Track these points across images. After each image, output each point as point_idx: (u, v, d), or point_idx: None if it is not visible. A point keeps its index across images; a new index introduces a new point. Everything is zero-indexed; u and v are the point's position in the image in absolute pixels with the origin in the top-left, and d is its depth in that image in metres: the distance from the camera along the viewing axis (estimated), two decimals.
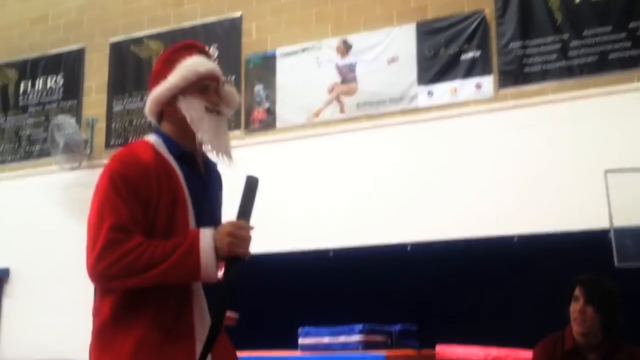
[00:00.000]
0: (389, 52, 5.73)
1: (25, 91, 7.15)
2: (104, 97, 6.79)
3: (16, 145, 7.03)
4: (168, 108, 2.06)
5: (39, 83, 7.11)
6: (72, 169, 6.58)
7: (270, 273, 5.57)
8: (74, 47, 7.01)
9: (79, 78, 6.93)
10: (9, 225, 6.73)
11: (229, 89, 2.17)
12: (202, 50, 2.17)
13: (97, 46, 6.91)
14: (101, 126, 6.70)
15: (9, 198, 6.85)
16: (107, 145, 6.64)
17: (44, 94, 7.06)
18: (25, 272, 6.60)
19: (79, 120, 6.73)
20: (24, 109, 7.10)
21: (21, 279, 6.61)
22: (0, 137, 7.10)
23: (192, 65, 2.04)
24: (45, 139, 6.77)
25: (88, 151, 6.62)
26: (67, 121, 6.58)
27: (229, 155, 2.09)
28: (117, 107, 6.70)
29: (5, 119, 7.15)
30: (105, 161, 6.45)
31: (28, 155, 6.95)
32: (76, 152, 6.54)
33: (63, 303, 6.32)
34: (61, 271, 6.42)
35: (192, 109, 2.01)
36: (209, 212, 2.05)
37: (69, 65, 6.99)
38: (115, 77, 6.80)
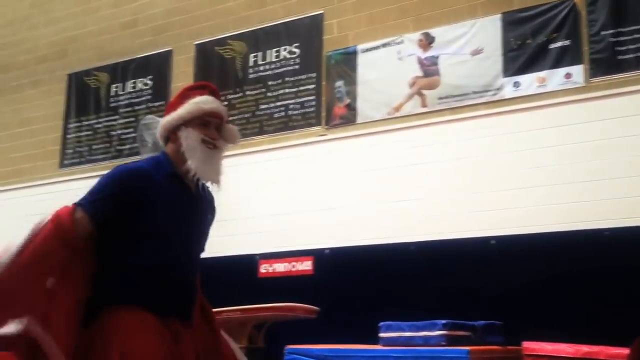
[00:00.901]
0: (472, 43, 5.61)
1: (116, 93, 7.45)
2: None
3: (108, 145, 7.33)
4: (172, 135, 2.36)
5: (129, 85, 7.39)
6: None
7: (351, 266, 5.57)
8: (161, 50, 7.25)
9: (167, 79, 7.16)
10: None
11: (231, 127, 2.45)
12: (213, 91, 2.45)
13: (184, 48, 7.12)
14: None
15: None
16: None
17: (134, 95, 7.33)
18: None
19: None
20: (115, 110, 7.40)
21: None
22: (93, 137, 7.42)
23: (198, 102, 2.34)
24: (135, 139, 7.01)
25: None
26: (155, 121, 6.79)
27: (215, 182, 2.36)
28: None
29: (98, 120, 7.46)
30: None
31: (119, 154, 7.23)
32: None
33: None
34: None
35: (189, 139, 2.30)
36: (190, 223, 2.35)
37: (157, 68, 7.24)
38: (200, 78, 6.97)
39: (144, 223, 2.22)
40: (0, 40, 8.34)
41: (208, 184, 2.39)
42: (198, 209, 2.38)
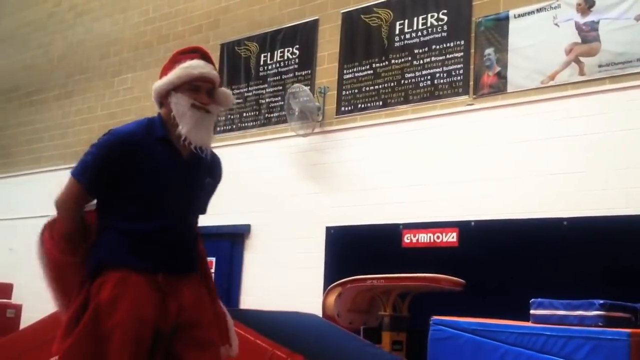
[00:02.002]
0: (637, 7, 5.21)
1: (265, 62, 7.67)
2: (335, 66, 7.06)
3: (257, 113, 7.60)
4: (164, 100, 2.42)
5: (277, 55, 7.58)
6: (306, 134, 6.94)
7: (497, 240, 5.45)
8: (308, 19, 7.36)
9: (313, 49, 7.27)
10: (250, 186, 7.32)
11: (224, 91, 2.49)
12: (204, 55, 2.48)
13: (330, 17, 7.18)
14: (332, 94, 6.98)
15: (251, 161, 7.43)
16: (338, 112, 6.91)
17: (281, 64, 7.52)
18: (263, 229, 7.15)
19: (312, 89, 7.06)
20: (264, 79, 7.63)
21: (259, 235, 7.17)
22: (243, 105, 7.72)
23: (188, 67, 2.38)
24: (282, 107, 7.21)
25: (320, 118, 6.94)
26: (302, 90, 6.95)
27: (205, 147, 2.37)
28: (348, 75, 6.92)
29: (248, 89, 7.74)
30: (336, 127, 6.76)
31: (267, 122, 7.48)
32: (309, 118, 6.89)
33: (295, 259, 6.75)
34: (294, 229, 6.87)
35: (179, 104, 2.35)
36: (179, 186, 2.39)
37: (304, 37, 7.37)
38: (346, 47, 7.03)
39: (131, 187, 2.32)
40: (159, 11, 8.82)
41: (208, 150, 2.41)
42: (189, 173, 2.42)
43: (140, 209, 2.34)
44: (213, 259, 7.38)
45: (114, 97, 9.00)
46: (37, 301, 8.23)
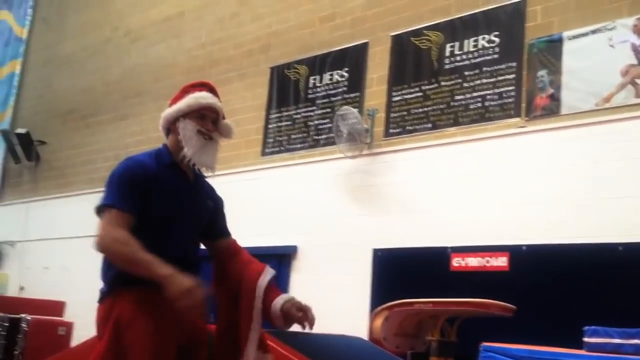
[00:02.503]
0: None
1: (314, 85, 7.73)
2: (384, 88, 7.05)
3: (305, 135, 7.63)
4: (173, 126, 2.65)
5: (326, 77, 7.63)
6: (354, 157, 6.93)
7: (550, 265, 5.32)
8: (358, 42, 7.39)
9: (362, 71, 7.29)
10: (298, 207, 7.34)
11: (226, 123, 2.73)
12: (211, 89, 2.74)
13: (380, 40, 7.19)
14: (381, 116, 6.97)
15: (299, 182, 7.46)
16: (386, 134, 6.89)
17: (330, 87, 7.56)
18: (310, 250, 7.13)
19: (361, 111, 7.07)
20: (313, 102, 7.68)
21: (306, 256, 7.16)
22: (292, 127, 7.77)
23: (196, 97, 2.64)
24: (331, 129, 7.23)
25: (368, 140, 6.93)
26: (350, 112, 6.96)
27: (209, 168, 2.64)
28: (397, 98, 6.91)
29: (297, 111, 7.79)
30: (384, 150, 6.73)
31: (315, 144, 7.50)
32: (358, 140, 6.88)
33: (341, 281, 6.71)
34: (340, 250, 6.83)
35: (186, 129, 2.58)
36: (187, 206, 2.58)
37: (353, 60, 7.39)
38: (395, 69, 7.02)
39: (146, 209, 2.46)
40: (211, 36, 9.00)
41: (208, 173, 2.66)
42: (195, 194, 2.62)
43: (155, 229, 2.47)
44: None
45: None
46: (89, 319, 8.38)
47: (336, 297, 6.66)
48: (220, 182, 8.42)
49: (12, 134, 11.32)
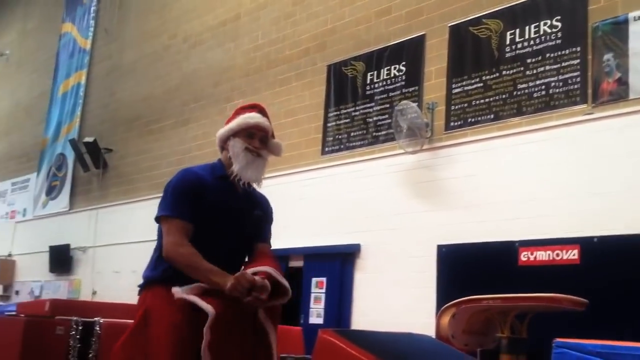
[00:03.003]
0: None
1: (371, 81, 7.66)
2: (443, 80, 6.93)
3: (364, 132, 7.58)
4: (225, 144, 2.88)
5: (384, 72, 7.55)
6: (415, 152, 6.84)
7: (623, 257, 5.12)
8: (415, 35, 7.28)
9: (420, 64, 7.18)
10: (359, 205, 7.29)
11: (276, 142, 2.92)
12: (261, 110, 2.94)
13: (437, 32, 7.07)
14: (441, 109, 6.85)
15: (359, 180, 7.41)
16: (447, 127, 6.76)
17: (388, 82, 7.47)
18: (373, 248, 7.08)
19: (420, 105, 6.96)
20: (371, 98, 7.61)
21: (370, 254, 7.10)
22: (351, 125, 7.73)
23: (246, 117, 2.85)
24: (390, 125, 7.15)
25: (429, 134, 6.81)
26: (409, 106, 6.86)
27: (254, 183, 2.84)
28: (456, 90, 6.77)
29: (355, 108, 7.74)
30: (445, 143, 6.59)
31: (375, 141, 7.44)
32: (418, 135, 6.78)
33: (406, 279, 6.63)
34: (404, 248, 6.75)
35: (235, 147, 2.81)
36: (235, 215, 2.79)
37: (411, 53, 7.29)
38: (454, 60, 6.88)
39: (196, 215, 2.67)
40: (267, 37, 9.05)
41: (256, 186, 2.87)
42: (244, 205, 2.82)
43: (203, 234, 2.68)
44: (324, 279, 7.39)
45: None
46: None
47: (401, 295, 6.59)
48: (281, 183, 8.52)
49: (80, 143, 11.70)
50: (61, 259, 11.61)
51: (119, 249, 10.37)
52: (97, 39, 12.70)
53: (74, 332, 5.06)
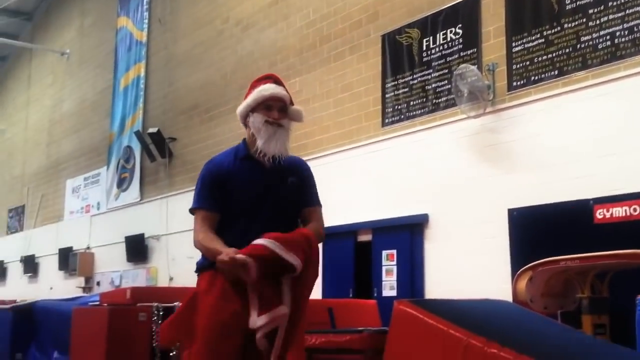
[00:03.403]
0: None
1: (427, 47, 7.52)
2: (502, 40, 6.74)
3: (424, 100, 7.46)
4: (246, 121, 2.86)
5: (439, 37, 7.40)
6: (477, 115, 6.70)
7: None
8: None
9: (477, 25, 7.00)
10: (424, 174, 7.22)
11: (296, 108, 2.89)
12: (276, 80, 2.91)
13: None
14: (502, 70, 6.67)
15: (422, 149, 7.32)
16: (509, 88, 6.59)
17: (445, 47, 7.32)
18: (441, 217, 7.00)
19: (480, 67, 6.80)
20: (428, 65, 7.48)
21: (438, 223, 7.03)
22: (409, 94, 7.62)
23: (260, 90, 2.82)
24: (450, 90, 7.02)
25: (491, 96, 6.66)
26: (469, 69, 6.71)
27: (280, 155, 2.78)
28: (517, 48, 6.58)
29: (412, 76, 7.63)
30: (509, 104, 6.42)
31: (435, 108, 7.32)
32: (480, 98, 6.64)
33: (478, 245, 6.54)
34: (473, 214, 6.65)
35: (255, 122, 2.80)
36: (263, 192, 2.80)
37: (466, 15, 7.11)
38: (512, 18, 6.68)
39: (225, 201, 2.76)
40: (318, 13, 8.99)
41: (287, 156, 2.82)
42: (272, 177, 2.81)
43: (236, 215, 2.76)
44: (394, 252, 7.37)
45: None
46: None
47: (474, 262, 6.51)
48: (344, 158, 8.53)
49: (145, 134, 11.97)
50: (137, 248, 11.98)
51: (190, 235, 10.56)
52: (152, 31, 12.90)
53: (155, 318, 5.23)
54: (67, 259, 14.16)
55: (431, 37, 7.47)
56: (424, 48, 7.54)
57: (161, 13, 12.58)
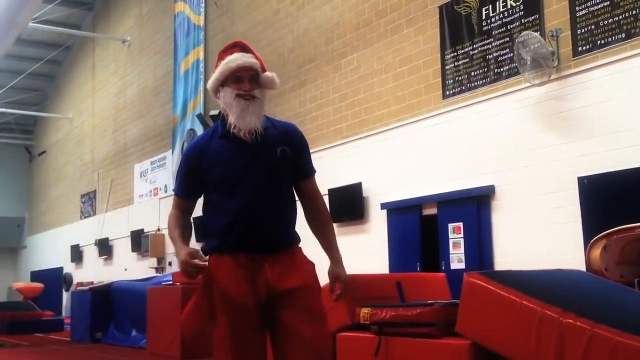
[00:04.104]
0: None
1: (487, 16, 7.38)
2: (565, 5, 6.55)
3: (485, 70, 7.34)
4: (218, 96, 2.66)
5: (499, 5, 7.24)
6: (542, 83, 6.55)
7: None
8: None
9: None
10: (488, 145, 7.13)
11: (267, 75, 2.63)
12: (243, 47, 2.67)
13: None
14: (566, 35, 6.50)
15: (485, 120, 7.23)
16: (575, 53, 6.41)
17: (505, 14, 7.17)
18: (508, 188, 6.92)
19: (542, 34, 6.64)
20: (489, 34, 7.34)
21: (505, 194, 6.95)
22: (470, 64, 7.51)
23: (227, 62, 2.60)
24: (512, 59, 6.88)
25: (555, 63, 6.50)
26: (531, 36, 6.56)
27: (255, 129, 2.56)
28: (581, 12, 6.39)
29: (472, 47, 7.51)
30: (575, 70, 6.26)
31: (497, 77, 7.19)
32: (544, 66, 6.49)
33: (547, 215, 6.44)
34: (541, 184, 6.55)
35: (225, 97, 2.60)
36: (249, 168, 2.58)
37: None
38: None
39: (210, 182, 2.60)
40: None
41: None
42: (257, 151, 2.59)
43: (224, 193, 2.60)
44: (460, 224, 7.34)
45: (343, 78, 9.32)
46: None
47: (544, 232, 6.43)
48: (405, 132, 8.51)
49: (207, 116, 12.18)
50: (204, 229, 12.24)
51: None
52: (209, 14, 13.05)
53: None
54: (139, 241, 14.65)
55: (490, 6, 7.33)
56: (484, 17, 7.40)
57: None
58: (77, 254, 18.50)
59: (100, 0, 18.58)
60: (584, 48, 6.34)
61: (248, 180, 2.58)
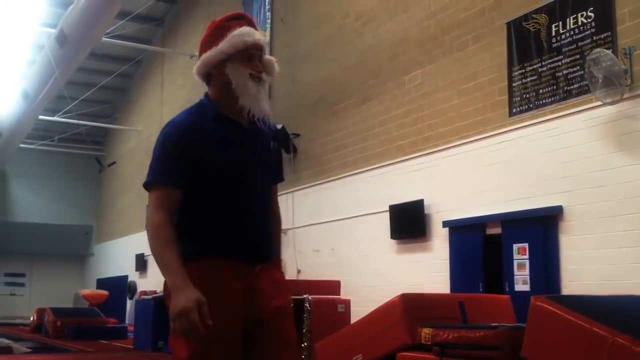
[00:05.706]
0: None
1: (557, 33, 7.22)
2: (639, 22, 6.35)
3: (554, 88, 7.17)
4: (216, 72, 2.28)
5: (570, 22, 7.08)
6: (614, 102, 6.36)
7: None
8: None
9: (611, 7, 6.63)
10: (556, 165, 6.96)
11: (269, 59, 2.33)
12: (250, 21, 2.35)
13: None
14: (639, 53, 6.29)
15: (553, 139, 7.05)
16: None
17: (576, 31, 7.00)
18: (577, 209, 6.72)
19: (615, 51, 6.45)
20: (558, 51, 7.18)
21: (574, 215, 6.75)
22: (538, 82, 7.35)
23: (241, 34, 2.24)
24: (582, 77, 6.71)
25: (628, 81, 6.30)
26: (603, 54, 6.39)
27: (267, 116, 2.29)
28: None
29: (541, 64, 7.35)
30: None
31: (567, 95, 7.02)
32: (616, 84, 6.30)
33: (619, 238, 6.22)
34: (612, 205, 6.33)
35: (238, 76, 2.23)
36: (247, 158, 2.26)
37: None
38: None
39: (201, 170, 2.19)
40: (440, 3, 8.84)
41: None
42: (254, 140, 2.30)
43: (214, 188, 2.23)
44: (526, 245, 7.16)
45: (407, 95, 9.27)
46: (362, 296, 8.84)
47: (615, 256, 6.21)
48: (470, 150, 8.42)
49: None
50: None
51: (316, 228, 10.83)
52: (274, 30, 13.24)
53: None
54: None
55: (560, 22, 7.17)
56: (553, 33, 7.25)
57: (283, 12, 12.89)
58: (141, 263, 18.95)
59: (170, 17, 19.12)
60: None
61: (250, 175, 2.27)
